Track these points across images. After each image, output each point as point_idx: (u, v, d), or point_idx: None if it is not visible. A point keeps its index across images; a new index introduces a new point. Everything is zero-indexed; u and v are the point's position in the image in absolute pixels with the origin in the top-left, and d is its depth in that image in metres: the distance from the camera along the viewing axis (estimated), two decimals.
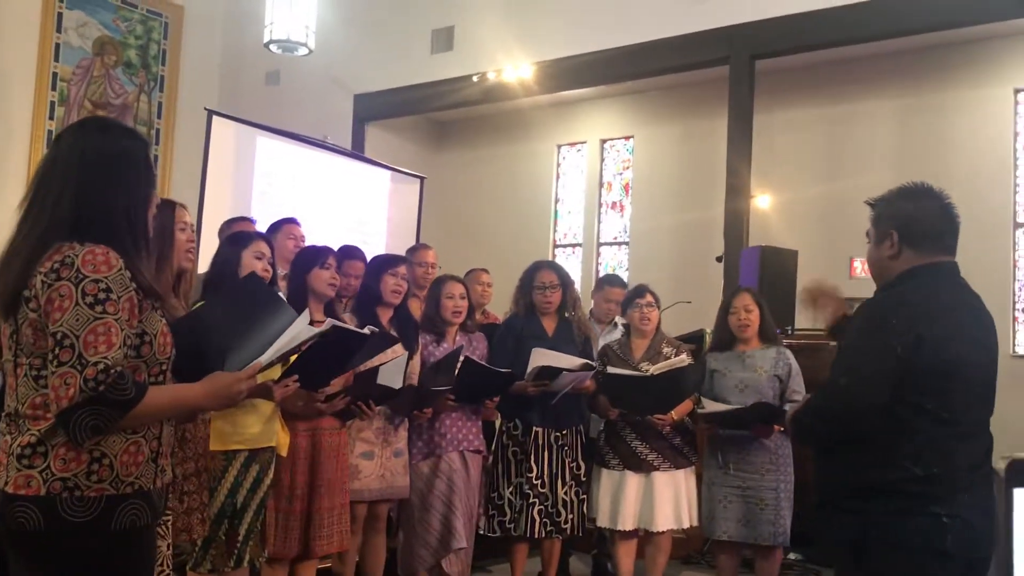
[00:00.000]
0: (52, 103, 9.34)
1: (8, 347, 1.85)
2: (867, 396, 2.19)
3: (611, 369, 4.21)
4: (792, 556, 5.35)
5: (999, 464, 1.33)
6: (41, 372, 1.78)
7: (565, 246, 11.11)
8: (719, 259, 7.50)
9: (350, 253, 4.41)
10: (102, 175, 1.86)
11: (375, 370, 3.61)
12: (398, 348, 3.87)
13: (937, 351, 2.15)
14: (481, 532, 4.34)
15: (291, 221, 4.68)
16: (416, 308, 4.54)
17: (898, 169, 8.51)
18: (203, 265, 5.96)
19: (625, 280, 10.28)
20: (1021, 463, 1.35)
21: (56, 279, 1.75)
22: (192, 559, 3.18)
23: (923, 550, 2.14)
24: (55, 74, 9.39)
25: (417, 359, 4.13)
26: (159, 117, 10.22)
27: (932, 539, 2.13)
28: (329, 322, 3.12)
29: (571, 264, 10.94)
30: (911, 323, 2.17)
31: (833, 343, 2.92)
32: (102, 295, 1.76)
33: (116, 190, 1.87)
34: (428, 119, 11.06)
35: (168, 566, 2.72)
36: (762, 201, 9.02)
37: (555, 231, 11.15)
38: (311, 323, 3.19)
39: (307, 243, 4.60)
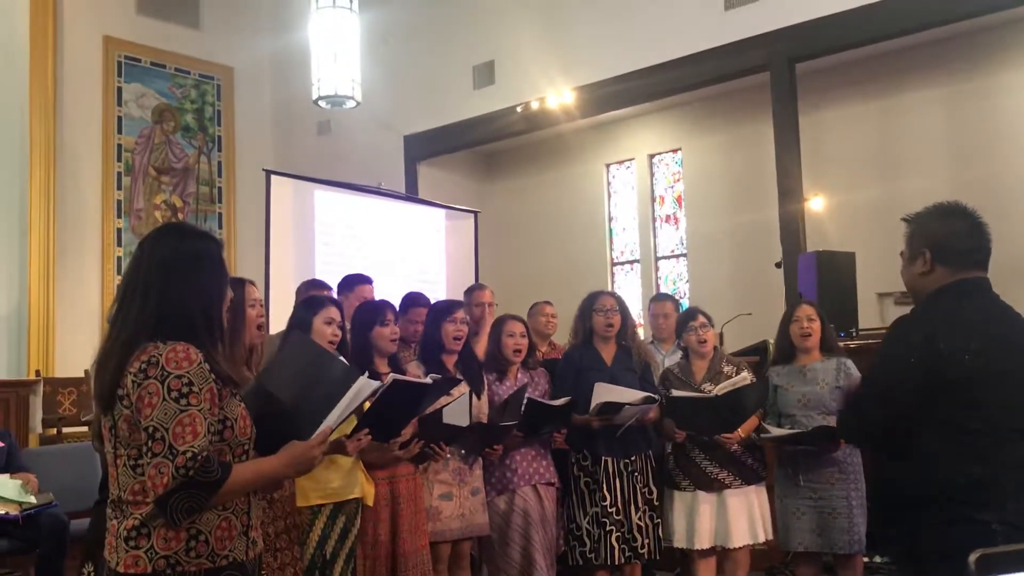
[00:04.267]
0: (119, 174, 9.80)
1: (108, 440, 2.04)
2: (888, 408, 2.32)
3: (675, 392, 4.28)
4: (878, 560, 5.33)
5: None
6: (138, 461, 1.96)
7: (623, 263, 11.18)
8: (778, 265, 7.50)
9: (415, 301, 4.57)
10: (180, 278, 2.04)
11: (439, 412, 3.75)
12: (462, 387, 4.01)
13: (961, 364, 2.22)
14: (570, 564, 4.43)
15: (364, 281, 4.77)
16: (478, 346, 4.67)
17: (952, 158, 8.43)
18: (275, 322, 6.24)
19: (686, 294, 10.35)
20: (989, 557, 1.41)
21: (144, 378, 1.94)
22: None
23: None
24: (119, 146, 9.84)
25: (485, 398, 4.25)
26: (220, 176, 10.62)
27: (982, 547, 2.18)
28: (391, 377, 3.29)
29: (630, 280, 11.01)
30: (930, 339, 2.26)
31: None
32: (185, 389, 1.94)
33: (193, 291, 2.05)
34: (477, 153, 11.27)
35: None
36: (816, 203, 8.99)
37: (612, 249, 11.23)
38: (378, 376, 3.37)
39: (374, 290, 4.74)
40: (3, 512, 4.74)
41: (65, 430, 7.52)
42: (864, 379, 2.49)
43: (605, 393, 4.16)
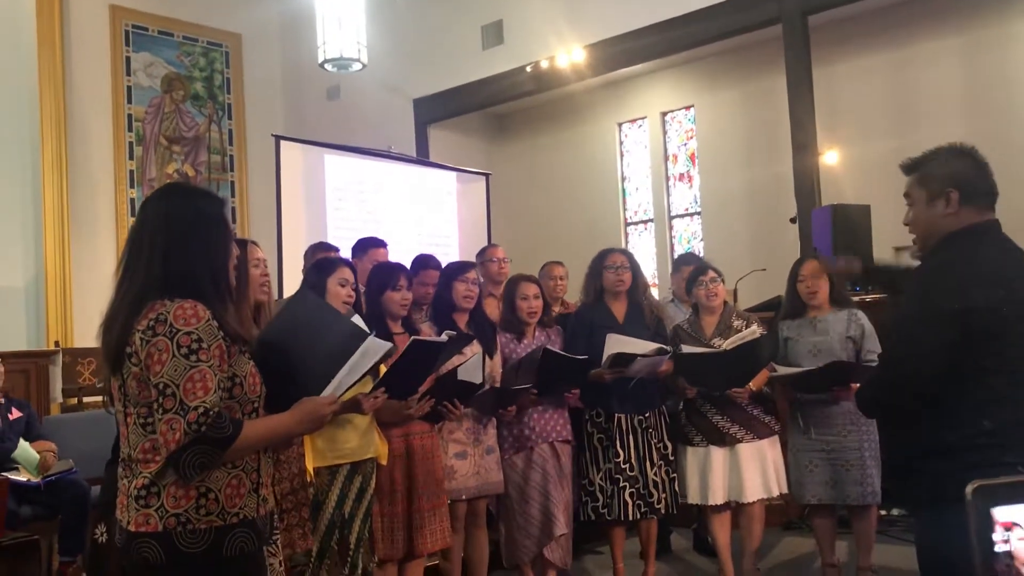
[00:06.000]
0: (130, 144, 9.79)
1: (118, 399, 2.05)
2: (926, 366, 2.23)
3: (685, 348, 4.27)
4: (895, 512, 5.33)
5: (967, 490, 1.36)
6: (148, 420, 1.97)
7: (636, 223, 11.11)
8: (793, 220, 7.43)
9: (425, 263, 4.57)
10: (185, 236, 2.04)
11: (454, 371, 3.76)
12: (475, 346, 4.02)
13: (989, 311, 2.17)
14: (583, 519, 4.46)
15: (378, 245, 4.81)
16: (491, 306, 4.66)
17: (967, 109, 8.30)
18: (289, 288, 6.26)
19: (700, 252, 10.29)
20: (987, 487, 1.37)
21: (153, 335, 1.94)
22: (308, 572, 3.36)
23: None
24: (130, 116, 9.82)
25: (498, 358, 4.26)
26: (231, 144, 10.60)
27: None
28: (412, 339, 3.31)
29: (644, 240, 10.96)
30: (961, 287, 2.20)
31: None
32: (195, 345, 1.94)
33: (199, 249, 2.05)
34: (487, 114, 11.18)
35: None
36: (831, 157, 8.88)
37: (625, 209, 11.16)
38: (390, 337, 3.38)
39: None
40: (25, 479, 4.81)
41: (86, 399, 7.61)
42: (895, 336, 2.38)
43: (617, 344, 4.15)
